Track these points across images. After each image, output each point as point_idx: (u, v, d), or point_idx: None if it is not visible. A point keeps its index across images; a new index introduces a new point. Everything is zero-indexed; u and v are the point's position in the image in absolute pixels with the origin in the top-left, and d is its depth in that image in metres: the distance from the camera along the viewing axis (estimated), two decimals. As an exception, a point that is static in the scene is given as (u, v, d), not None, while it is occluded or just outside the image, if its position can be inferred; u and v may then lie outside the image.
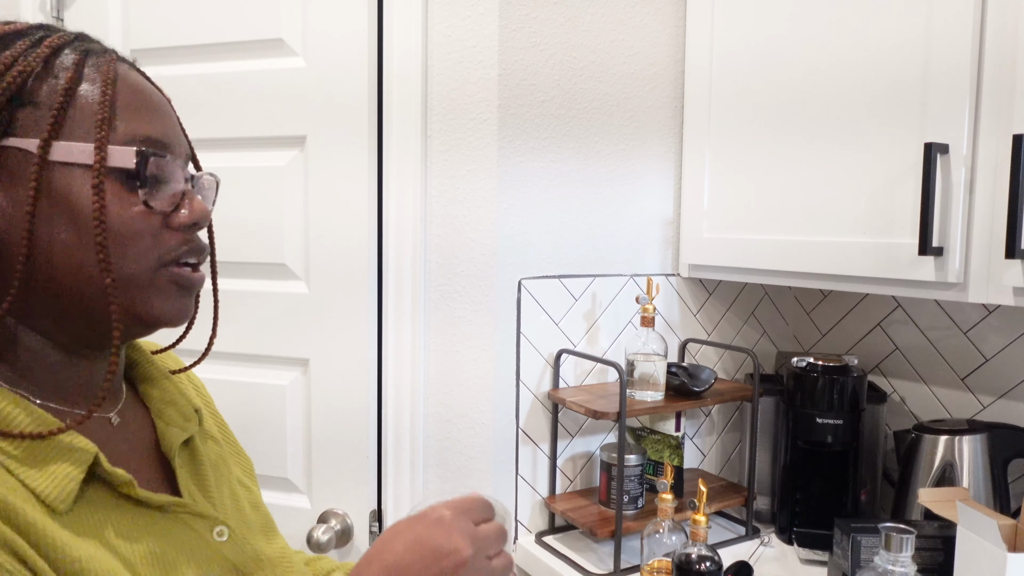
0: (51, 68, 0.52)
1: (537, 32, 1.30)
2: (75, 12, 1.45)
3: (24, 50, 0.51)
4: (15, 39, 0.52)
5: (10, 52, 0.51)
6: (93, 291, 0.52)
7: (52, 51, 0.52)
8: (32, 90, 0.51)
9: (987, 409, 1.34)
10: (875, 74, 1.12)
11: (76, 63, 0.53)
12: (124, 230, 0.52)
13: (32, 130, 0.51)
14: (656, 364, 1.29)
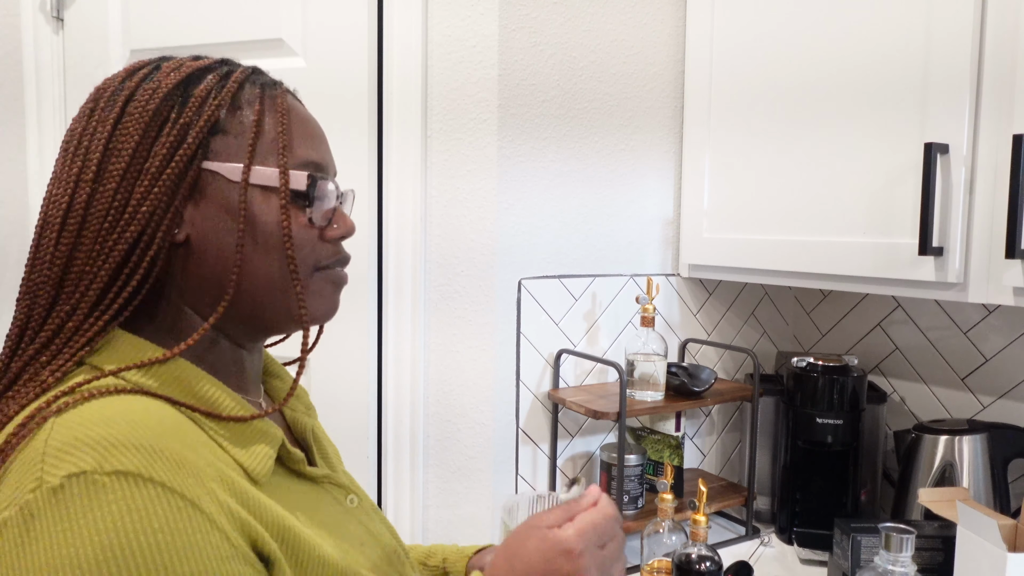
0: (238, 101, 0.60)
1: (537, 32, 1.30)
2: (75, 12, 1.45)
3: (215, 84, 0.59)
4: (205, 74, 0.59)
5: (203, 86, 0.58)
6: (264, 292, 0.60)
7: (238, 85, 0.60)
8: (225, 120, 0.58)
9: (987, 409, 1.34)
10: (875, 75, 1.12)
11: (259, 97, 0.61)
12: (295, 243, 0.60)
13: (223, 155, 0.58)
14: (656, 364, 1.29)
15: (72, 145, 0.57)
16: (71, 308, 0.54)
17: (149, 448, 0.47)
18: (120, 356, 0.55)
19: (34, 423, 0.48)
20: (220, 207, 0.58)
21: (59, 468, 0.45)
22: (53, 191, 0.57)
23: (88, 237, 0.54)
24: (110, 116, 0.56)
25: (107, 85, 0.59)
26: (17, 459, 0.47)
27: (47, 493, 0.44)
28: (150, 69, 0.59)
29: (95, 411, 0.49)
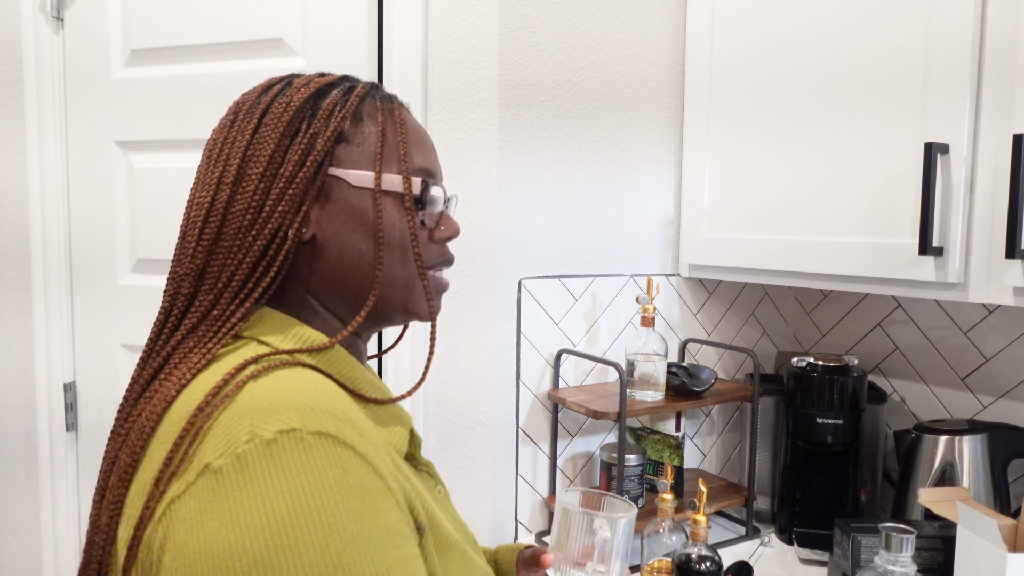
0: (360, 113, 0.66)
1: (537, 32, 1.30)
2: (75, 12, 1.45)
3: (340, 98, 0.65)
4: (331, 89, 0.66)
5: (330, 100, 0.65)
6: (386, 289, 0.66)
7: (360, 99, 0.66)
8: (348, 131, 0.65)
9: (987, 409, 1.34)
10: (874, 75, 1.12)
11: (379, 109, 0.67)
12: (404, 243, 0.66)
13: (346, 162, 0.64)
14: (656, 364, 1.29)
15: (214, 152, 0.64)
16: (215, 297, 0.60)
17: (341, 415, 0.53)
18: (275, 330, 0.62)
19: (232, 387, 0.53)
20: (342, 209, 0.64)
21: (271, 424, 0.50)
22: (196, 193, 0.63)
23: (229, 233, 0.61)
24: (248, 126, 0.63)
25: (245, 99, 0.66)
26: (221, 417, 0.51)
27: (261, 445, 0.49)
28: (283, 85, 0.66)
29: (287, 379, 0.55)
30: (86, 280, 1.50)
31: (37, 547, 1.56)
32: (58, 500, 1.53)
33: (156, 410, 0.55)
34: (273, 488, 0.47)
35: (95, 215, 1.48)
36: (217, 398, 0.53)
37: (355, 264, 0.65)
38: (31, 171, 1.49)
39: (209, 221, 0.61)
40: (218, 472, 0.48)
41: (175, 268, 0.63)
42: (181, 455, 0.50)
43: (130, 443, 0.55)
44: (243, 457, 0.48)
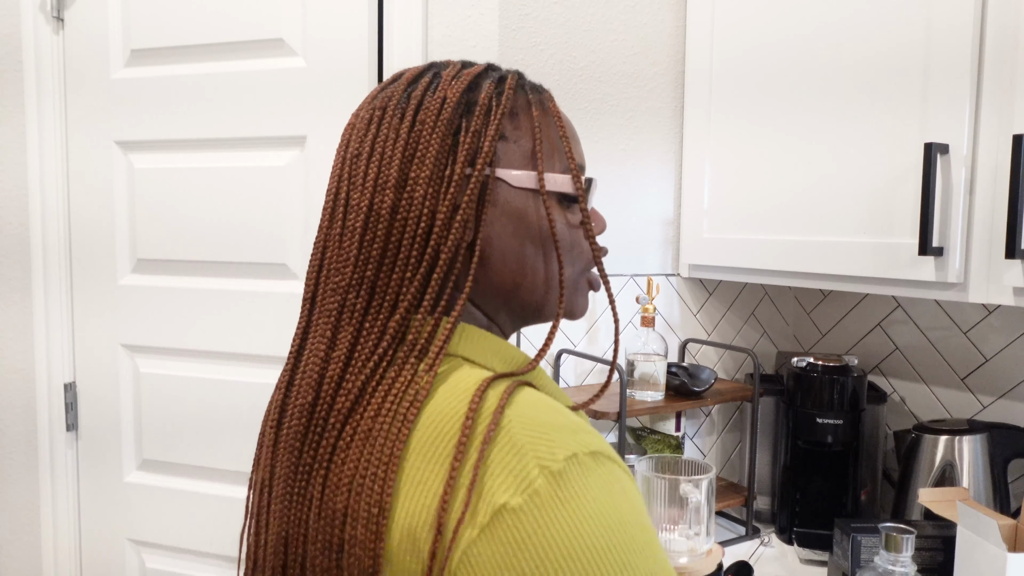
0: (515, 108, 0.62)
1: (537, 32, 1.30)
2: (75, 12, 1.45)
3: (493, 92, 0.61)
4: (481, 81, 0.61)
5: (484, 94, 0.60)
6: (542, 291, 0.63)
7: (514, 92, 0.62)
8: (507, 127, 0.61)
9: (987, 409, 1.34)
10: (874, 74, 1.12)
11: (532, 103, 0.63)
12: (566, 243, 0.63)
13: (504, 161, 0.60)
14: (656, 364, 1.29)
15: (362, 152, 0.60)
16: (402, 315, 0.55)
17: (594, 432, 0.52)
18: (477, 347, 0.59)
19: (486, 417, 0.50)
20: (502, 210, 0.60)
21: (553, 452, 0.48)
22: (351, 196, 0.59)
23: (404, 243, 0.57)
24: (402, 125, 0.59)
25: (389, 95, 0.61)
26: (494, 451, 0.48)
27: (553, 476, 0.47)
28: (430, 77, 0.61)
29: (532, 402, 0.52)
30: (86, 280, 1.50)
31: (37, 547, 1.56)
32: (58, 500, 1.53)
33: (389, 452, 0.51)
34: (576, 517, 0.46)
35: (95, 215, 1.48)
36: (479, 431, 0.49)
37: (518, 268, 0.61)
38: (31, 171, 1.49)
39: (373, 228, 0.57)
40: (517, 511, 0.46)
41: (333, 278, 0.58)
42: (465, 494, 0.47)
43: (367, 491, 0.50)
44: (540, 492, 0.46)
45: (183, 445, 1.45)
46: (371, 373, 0.54)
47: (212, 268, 1.41)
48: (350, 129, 0.63)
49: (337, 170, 0.62)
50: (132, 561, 1.52)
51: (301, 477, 0.55)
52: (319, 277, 0.61)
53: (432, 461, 0.50)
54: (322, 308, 0.59)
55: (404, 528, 0.49)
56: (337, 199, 0.61)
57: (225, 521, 1.44)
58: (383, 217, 0.57)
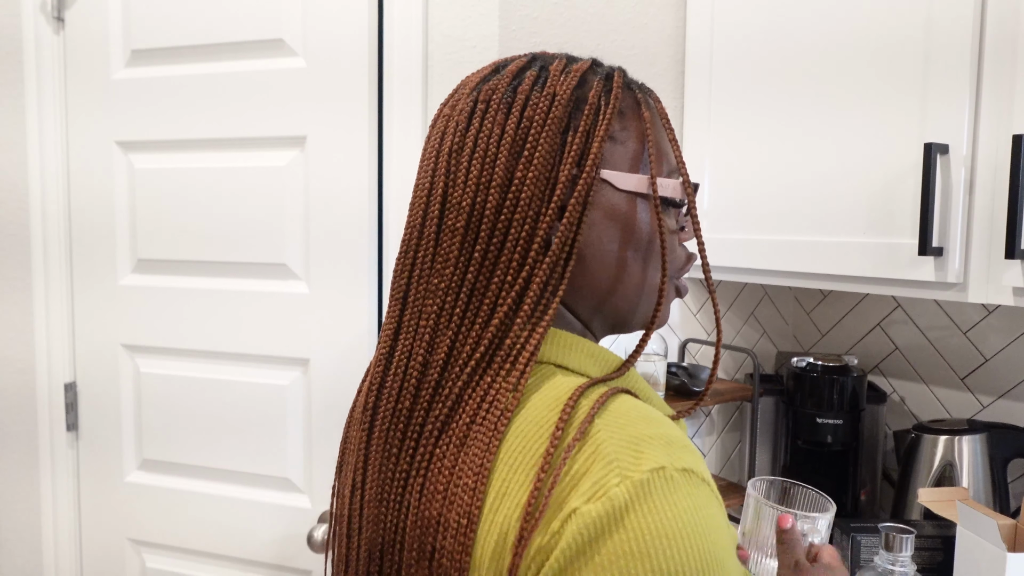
0: (624, 107, 0.59)
1: (537, 32, 1.30)
2: (76, 12, 1.45)
3: (602, 89, 0.58)
4: (590, 77, 0.59)
5: (593, 92, 0.57)
6: (636, 297, 0.61)
7: (622, 90, 0.59)
8: (614, 127, 0.58)
9: (987, 409, 1.34)
10: (874, 74, 1.12)
11: (639, 102, 0.60)
12: (658, 249, 0.61)
13: (610, 162, 0.58)
14: (656, 364, 1.29)
15: (464, 147, 0.57)
16: (502, 320, 0.54)
17: (691, 448, 0.50)
18: (570, 352, 0.57)
19: (576, 426, 0.49)
20: (605, 214, 0.58)
21: (639, 463, 0.47)
22: (450, 194, 0.57)
23: (507, 245, 0.54)
24: (508, 121, 0.56)
25: (493, 87, 0.58)
26: (579, 458, 0.48)
27: (633, 486, 0.46)
28: (537, 71, 0.59)
29: (626, 410, 0.51)
30: (87, 280, 1.50)
31: (37, 547, 1.56)
32: (58, 500, 1.53)
33: (480, 462, 0.50)
34: (653, 533, 0.45)
35: (95, 215, 1.48)
36: (567, 440, 0.48)
37: (616, 274, 0.59)
38: (31, 170, 1.49)
39: (474, 229, 0.55)
40: (587, 517, 0.45)
41: (432, 279, 0.56)
42: (542, 503, 0.47)
43: (458, 501, 0.50)
44: (615, 499, 0.45)
45: (183, 445, 1.46)
46: (467, 380, 0.53)
47: (212, 268, 1.42)
48: (445, 121, 0.59)
49: (430, 163, 0.59)
50: (132, 561, 1.52)
51: (398, 483, 0.54)
52: (411, 277, 0.58)
53: (519, 471, 0.49)
54: (417, 310, 0.57)
55: (490, 540, 0.48)
56: (432, 195, 0.58)
57: (225, 521, 1.44)
58: (487, 218, 0.55)
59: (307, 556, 1.39)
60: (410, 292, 0.58)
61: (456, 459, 0.51)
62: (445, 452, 0.52)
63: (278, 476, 1.40)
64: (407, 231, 0.60)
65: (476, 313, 0.54)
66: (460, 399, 0.53)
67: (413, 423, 0.54)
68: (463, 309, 0.54)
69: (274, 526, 1.41)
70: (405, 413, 0.55)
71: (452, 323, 0.55)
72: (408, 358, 0.56)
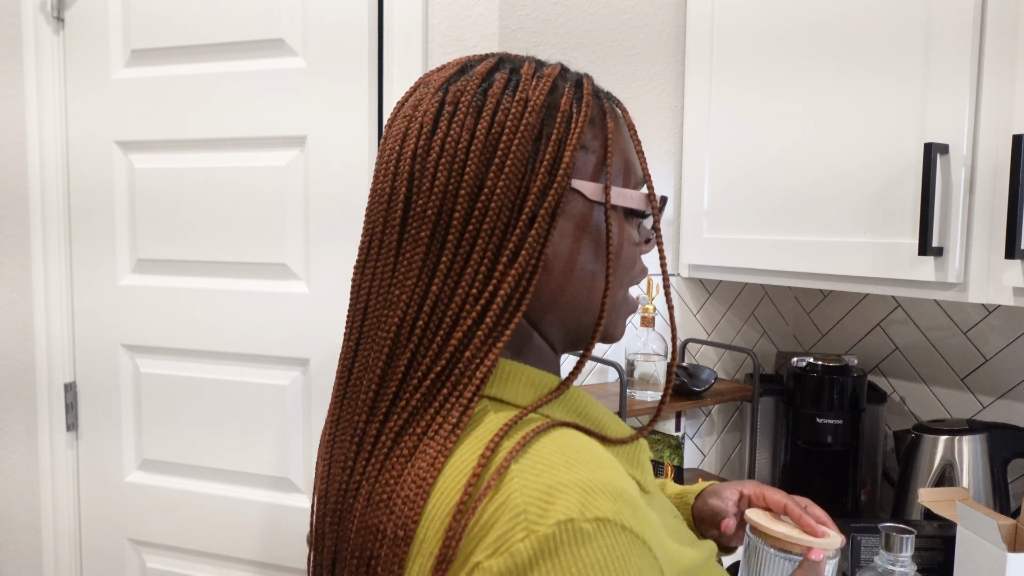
0: (594, 116, 0.58)
1: (537, 32, 1.30)
2: (75, 12, 1.45)
3: (572, 96, 0.56)
4: (560, 83, 0.57)
5: (564, 99, 0.56)
6: (592, 309, 0.59)
7: (590, 96, 0.57)
8: (585, 136, 0.56)
9: (987, 409, 1.34)
10: (874, 75, 1.12)
11: (605, 111, 0.58)
12: (627, 261, 0.60)
13: (581, 172, 0.56)
14: (656, 364, 1.29)
15: (433, 152, 0.54)
16: (464, 335, 0.52)
17: (614, 492, 0.47)
18: (506, 378, 0.55)
19: (492, 473, 0.47)
20: (574, 224, 0.56)
21: (546, 517, 0.45)
22: (414, 201, 0.54)
23: (475, 256, 0.52)
24: (478, 125, 0.54)
25: (461, 88, 0.55)
26: (488, 510, 0.46)
27: (537, 541, 0.44)
28: (508, 73, 0.56)
29: (548, 452, 0.49)
30: (87, 280, 1.50)
31: (37, 547, 1.56)
32: (58, 500, 1.53)
33: (423, 476, 0.49)
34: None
35: (95, 215, 1.48)
36: (479, 490, 0.47)
37: (583, 284, 0.57)
38: (31, 170, 1.49)
39: (441, 239, 0.53)
40: (488, 572, 0.44)
41: (392, 290, 0.54)
42: (450, 555, 0.46)
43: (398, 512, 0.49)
44: (517, 555, 0.44)
45: (183, 445, 1.46)
46: (424, 394, 0.52)
47: (212, 268, 1.42)
48: (406, 121, 0.56)
49: (390, 167, 0.56)
50: (132, 561, 1.52)
51: (350, 494, 0.54)
52: (371, 288, 0.56)
53: (436, 519, 0.48)
54: (377, 321, 0.55)
55: (417, 563, 0.48)
56: (392, 202, 0.55)
57: (225, 521, 1.44)
58: (454, 228, 0.52)
59: (307, 556, 1.39)
60: (370, 303, 0.56)
61: (402, 470, 0.50)
62: (394, 464, 0.51)
63: (278, 476, 1.40)
64: (365, 238, 0.57)
65: (438, 327, 0.52)
66: (415, 412, 0.52)
67: (368, 434, 0.53)
68: (425, 322, 0.53)
69: (274, 526, 1.41)
70: (362, 425, 0.54)
71: (413, 336, 0.53)
72: (366, 370, 0.55)
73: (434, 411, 0.51)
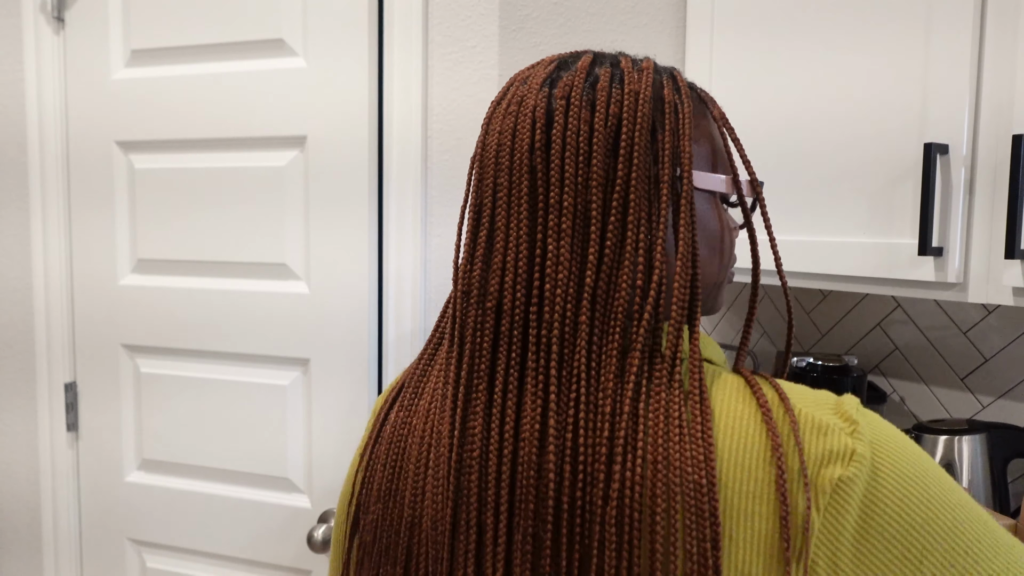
0: (696, 108, 0.60)
1: (537, 32, 1.30)
2: (76, 12, 1.45)
3: (673, 87, 0.58)
4: (658, 76, 0.58)
5: (667, 90, 0.57)
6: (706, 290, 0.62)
7: (687, 87, 0.59)
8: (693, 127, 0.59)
9: (987, 409, 1.34)
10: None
11: (704, 100, 0.61)
12: (729, 246, 0.62)
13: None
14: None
15: (554, 145, 0.54)
16: (642, 323, 0.52)
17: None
18: (708, 349, 0.59)
19: (782, 409, 0.51)
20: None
21: (849, 422, 0.51)
22: (547, 193, 0.54)
23: (628, 246, 0.53)
24: (595, 119, 0.54)
25: (569, 83, 0.56)
26: (807, 435, 0.50)
27: (863, 439, 0.50)
28: (608, 68, 0.57)
29: (788, 388, 0.55)
30: (87, 280, 1.50)
31: (38, 547, 1.56)
32: (58, 500, 1.54)
33: (703, 452, 0.48)
34: (900, 458, 0.50)
35: (95, 215, 1.48)
36: (785, 427, 0.50)
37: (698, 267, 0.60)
38: (32, 172, 1.49)
39: (583, 230, 0.53)
40: (852, 480, 0.49)
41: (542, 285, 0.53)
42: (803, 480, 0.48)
43: (688, 531, 0.47)
44: (861, 458, 0.49)
45: (183, 445, 1.46)
46: (635, 394, 0.50)
47: (212, 268, 1.42)
48: (513, 118, 0.56)
49: (503, 160, 0.56)
50: (132, 561, 1.52)
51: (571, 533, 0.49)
52: (502, 282, 0.54)
53: (743, 480, 0.49)
54: (523, 320, 0.53)
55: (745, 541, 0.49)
56: (514, 194, 0.55)
57: (225, 521, 1.44)
58: (595, 220, 0.53)
59: (307, 556, 1.39)
60: (503, 302, 0.54)
61: (678, 434, 0.49)
62: (660, 429, 0.49)
63: (278, 476, 1.40)
64: (480, 232, 0.56)
65: (612, 319, 0.52)
66: (636, 416, 0.50)
67: (585, 457, 0.50)
68: (588, 317, 0.52)
69: (274, 526, 1.41)
70: (569, 449, 0.50)
71: (584, 333, 0.52)
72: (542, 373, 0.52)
73: (663, 408, 0.50)
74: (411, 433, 0.59)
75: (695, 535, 0.47)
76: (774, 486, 0.48)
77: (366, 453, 0.64)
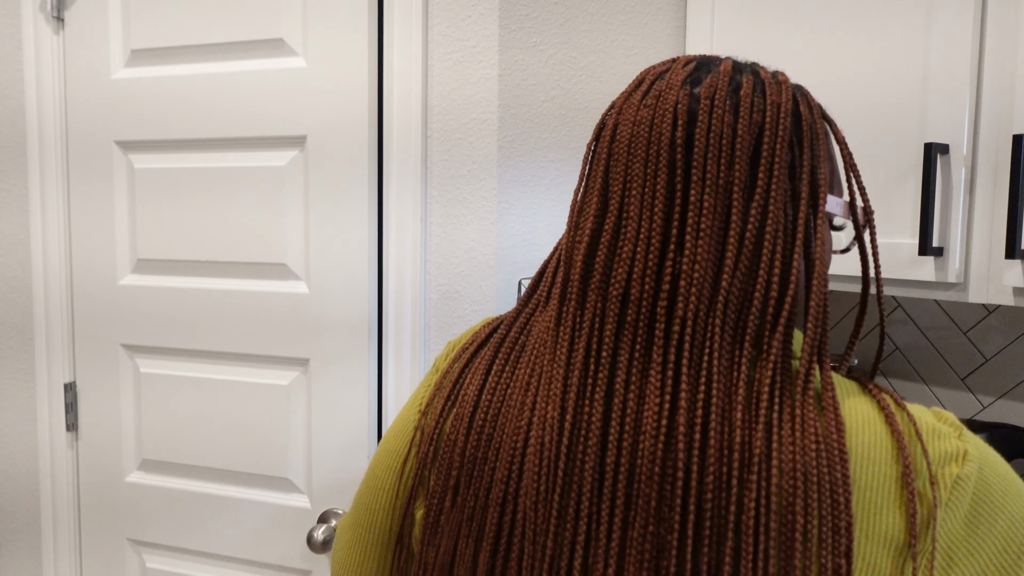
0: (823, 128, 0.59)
1: (537, 32, 1.30)
2: (75, 12, 1.45)
3: (803, 102, 0.58)
4: (794, 91, 0.58)
5: (803, 107, 0.57)
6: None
7: (818, 107, 0.59)
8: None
9: (987, 409, 1.34)
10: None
11: (829, 120, 0.61)
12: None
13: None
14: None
15: (697, 143, 0.54)
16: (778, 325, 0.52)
17: None
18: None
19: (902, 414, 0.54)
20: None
21: (956, 427, 0.54)
22: (687, 191, 0.54)
23: (765, 252, 0.53)
24: (739, 124, 0.54)
25: (713, 85, 0.55)
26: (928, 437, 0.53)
27: (971, 443, 0.53)
28: (751, 76, 0.57)
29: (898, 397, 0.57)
30: (86, 280, 1.50)
31: (37, 547, 1.56)
32: (58, 500, 1.53)
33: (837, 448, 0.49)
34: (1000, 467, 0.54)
35: (95, 215, 1.48)
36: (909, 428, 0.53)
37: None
38: (32, 172, 1.49)
39: (721, 231, 0.53)
40: (967, 478, 0.52)
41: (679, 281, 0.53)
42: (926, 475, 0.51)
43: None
44: (971, 457, 0.52)
45: (183, 445, 1.46)
46: (769, 402, 0.50)
47: (212, 268, 1.42)
48: (650, 112, 0.56)
49: (638, 151, 0.55)
50: (132, 561, 1.52)
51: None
52: (631, 274, 0.53)
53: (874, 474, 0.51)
54: (649, 313, 0.53)
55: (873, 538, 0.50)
56: (651, 188, 0.54)
57: (225, 521, 1.44)
58: (734, 224, 0.52)
59: (307, 556, 1.39)
60: (631, 291, 0.53)
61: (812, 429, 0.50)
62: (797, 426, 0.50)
63: (278, 476, 1.40)
64: (606, 219, 0.55)
65: (753, 325, 0.52)
66: (771, 426, 0.50)
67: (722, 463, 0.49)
68: (721, 316, 0.52)
69: (274, 526, 1.41)
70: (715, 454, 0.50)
71: (719, 337, 0.52)
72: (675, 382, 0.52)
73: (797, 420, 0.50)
74: (508, 405, 0.57)
75: (830, 547, 0.47)
76: (901, 483, 0.50)
77: (436, 411, 0.62)
